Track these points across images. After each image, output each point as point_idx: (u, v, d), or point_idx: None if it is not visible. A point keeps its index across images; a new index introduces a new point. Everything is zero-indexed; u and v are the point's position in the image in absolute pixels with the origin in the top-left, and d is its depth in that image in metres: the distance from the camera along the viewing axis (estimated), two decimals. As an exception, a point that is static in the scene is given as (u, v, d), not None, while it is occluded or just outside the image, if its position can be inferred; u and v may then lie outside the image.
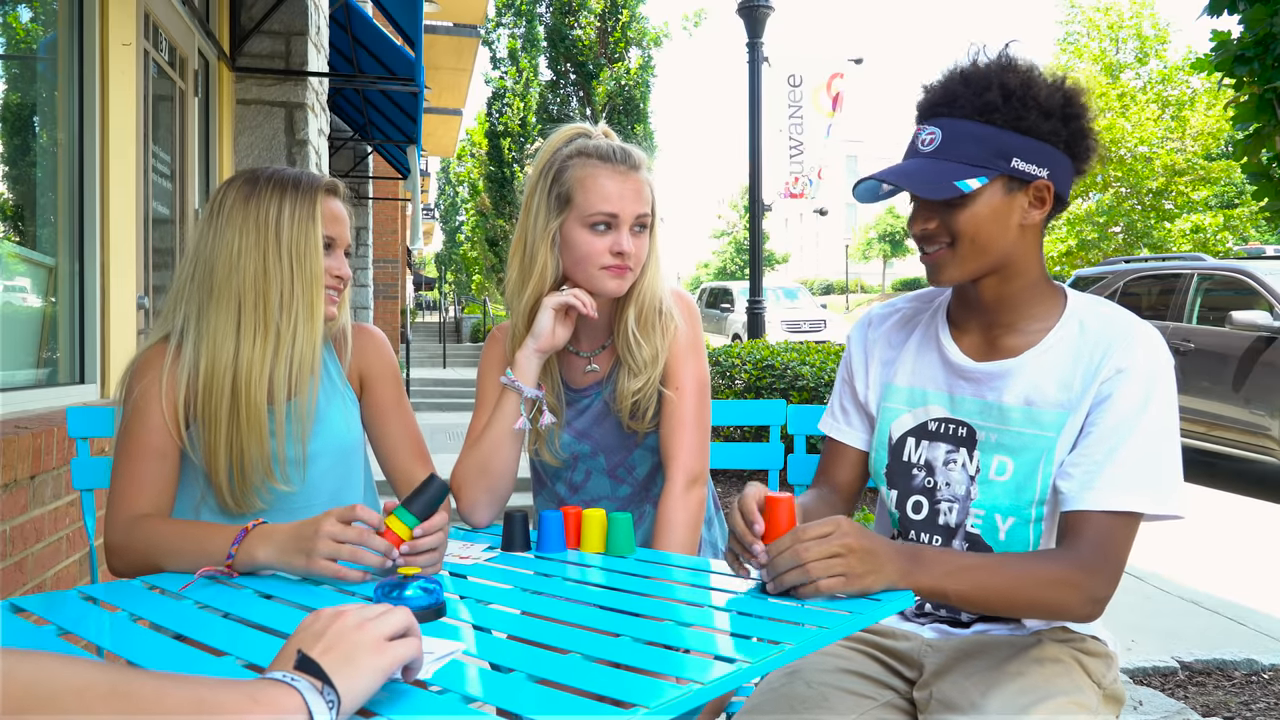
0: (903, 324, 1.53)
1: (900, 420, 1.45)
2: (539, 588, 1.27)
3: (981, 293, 1.37)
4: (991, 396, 1.37)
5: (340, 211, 1.63)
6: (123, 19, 3.14)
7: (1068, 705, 1.22)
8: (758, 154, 7.33)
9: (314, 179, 1.60)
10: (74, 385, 2.89)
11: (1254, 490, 6.21)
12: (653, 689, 0.86)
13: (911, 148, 1.35)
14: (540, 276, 1.64)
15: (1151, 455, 1.27)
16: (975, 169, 1.28)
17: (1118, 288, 7.73)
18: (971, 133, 1.29)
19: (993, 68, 1.31)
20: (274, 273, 1.52)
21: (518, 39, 18.73)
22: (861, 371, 1.53)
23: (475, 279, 30.77)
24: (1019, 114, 1.28)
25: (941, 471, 1.40)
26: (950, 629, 1.41)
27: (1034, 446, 1.33)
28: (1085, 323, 1.35)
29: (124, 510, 1.47)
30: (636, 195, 1.61)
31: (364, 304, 11.22)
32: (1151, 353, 1.30)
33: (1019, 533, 1.35)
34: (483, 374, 1.77)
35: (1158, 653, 3.15)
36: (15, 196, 2.92)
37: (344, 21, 6.33)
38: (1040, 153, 1.30)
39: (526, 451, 1.75)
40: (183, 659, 0.99)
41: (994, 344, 1.39)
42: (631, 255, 1.60)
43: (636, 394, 1.66)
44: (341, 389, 1.68)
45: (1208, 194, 16.74)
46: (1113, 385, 1.29)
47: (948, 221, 1.31)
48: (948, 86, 1.32)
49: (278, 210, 1.54)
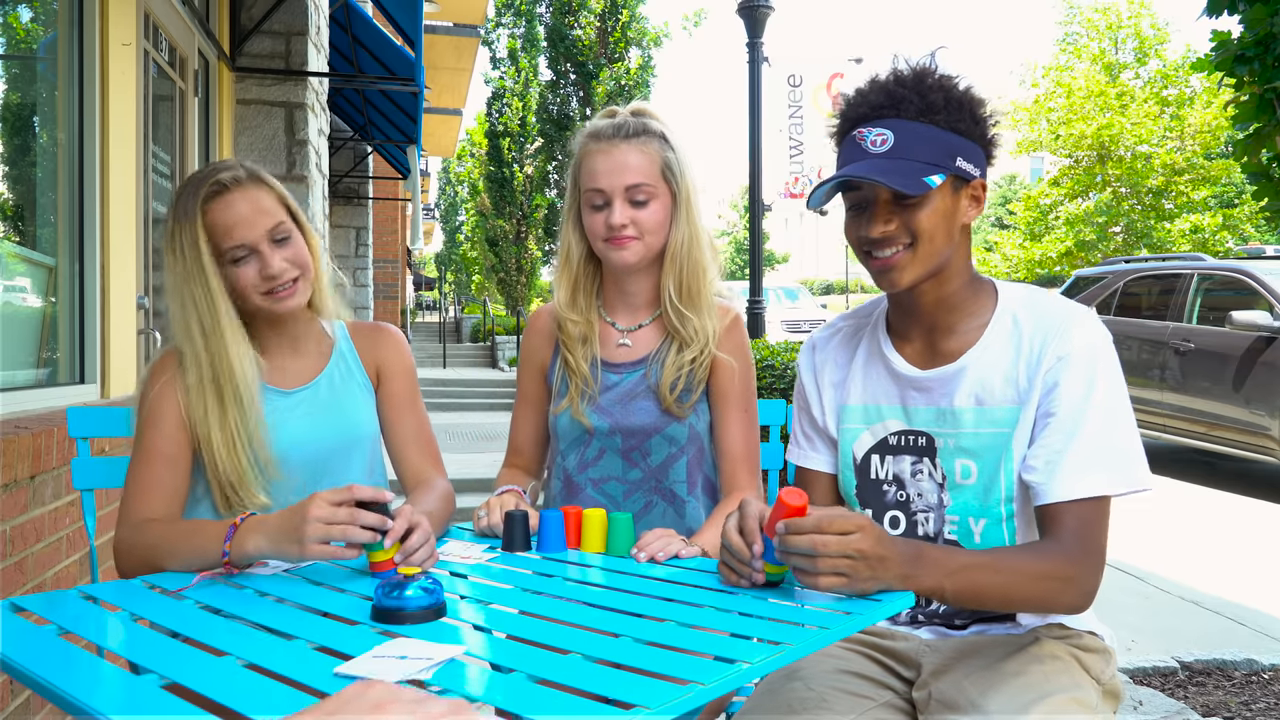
0: (845, 342, 1.53)
1: (860, 440, 1.46)
2: (539, 588, 1.26)
3: (920, 298, 1.38)
4: (943, 402, 1.38)
5: (236, 211, 1.51)
6: (123, 19, 3.14)
7: (1067, 703, 1.23)
8: (758, 154, 7.32)
9: (193, 192, 1.52)
10: (74, 385, 2.89)
11: (1254, 490, 6.21)
12: (653, 689, 0.86)
13: (855, 151, 1.33)
14: (567, 251, 1.76)
15: (1108, 435, 1.28)
16: (932, 167, 1.29)
17: (1118, 288, 7.73)
18: (921, 133, 1.30)
19: (929, 73, 1.33)
20: (185, 295, 1.52)
21: (517, 39, 18.75)
22: (815, 397, 1.53)
23: (475, 279, 30.78)
24: (958, 116, 1.31)
25: (911, 483, 1.41)
26: (947, 631, 1.41)
27: (993, 445, 1.34)
28: (1018, 316, 1.37)
29: (134, 514, 1.48)
30: (624, 168, 1.64)
31: (364, 304, 11.21)
32: (1088, 335, 1.32)
33: (992, 533, 1.36)
34: (522, 364, 1.86)
35: (1158, 653, 3.15)
36: (15, 196, 2.92)
37: (344, 21, 6.33)
38: (975, 153, 1.33)
39: (552, 413, 1.79)
40: (183, 659, 0.99)
41: (936, 349, 1.40)
42: (630, 226, 1.64)
43: (688, 366, 1.69)
44: (359, 378, 1.70)
45: (1207, 194, 16.74)
46: (1056, 373, 1.30)
47: (908, 221, 1.31)
48: (890, 89, 1.33)
49: (175, 234, 1.52)
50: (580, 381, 1.72)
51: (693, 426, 1.72)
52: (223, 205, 1.51)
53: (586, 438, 1.73)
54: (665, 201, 1.68)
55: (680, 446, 1.72)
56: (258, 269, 1.52)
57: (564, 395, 1.74)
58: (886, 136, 1.30)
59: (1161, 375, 6.90)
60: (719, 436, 1.75)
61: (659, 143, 1.68)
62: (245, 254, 1.52)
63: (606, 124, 1.69)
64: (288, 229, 1.56)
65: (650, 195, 1.66)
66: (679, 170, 1.69)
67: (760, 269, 7.26)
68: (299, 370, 1.65)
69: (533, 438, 1.85)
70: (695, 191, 1.72)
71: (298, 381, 1.64)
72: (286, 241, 1.55)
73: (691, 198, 1.70)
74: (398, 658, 0.96)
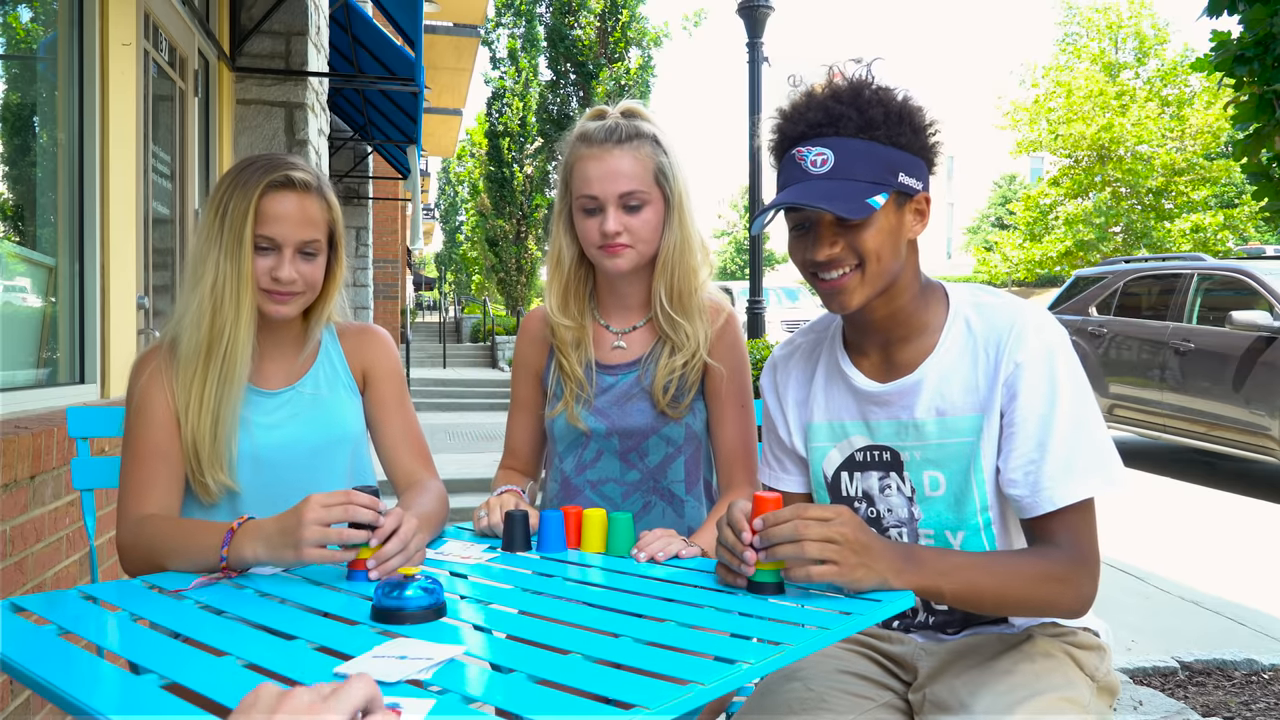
0: (805, 360, 1.51)
1: (829, 458, 1.44)
2: (539, 588, 1.26)
3: (872, 314, 1.35)
4: (904, 415, 1.36)
5: (286, 209, 1.54)
6: (123, 19, 3.14)
7: (1056, 702, 1.22)
8: (758, 154, 7.32)
9: (262, 172, 1.55)
10: (74, 385, 2.89)
11: (1254, 490, 6.21)
12: (653, 690, 0.86)
13: (796, 171, 1.30)
14: (558, 255, 1.74)
15: (1080, 437, 1.27)
16: (874, 186, 1.26)
17: (1118, 288, 7.73)
18: (861, 150, 1.27)
19: (865, 86, 1.30)
20: (211, 260, 1.53)
21: (517, 39, 18.75)
22: (780, 418, 1.51)
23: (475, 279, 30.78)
24: (898, 130, 1.28)
25: (880, 499, 1.40)
26: (942, 636, 1.41)
27: (958, 455, 1.33)
28: (970, 320, 1.35)
29: (131, 511, 1.49)
30: (617, 174, 1.63)
31: (364, 304, 11.20)
32: (1042, 337, 1.29)
33: (972, 543, 1.35)
34: (516, 368, 1.84)
35: (1158, 653, 3.15)
36: (15, 196, 2.92)
37: (344, 21, 6.32)
38: (916, 167, 1.30)
39: (547, 417, 1.78)
40: (183, 659, 0.99)
41: (892, 361, 1.38)
42: (623, 234, 1.63)
43: (680, 369, 1.68)
44: (345, 380, 1.70)
45: (1207, 194, 16.74)
46: (1017, 380, 1.28)
47: (853, 243, 1.28)
48: (827, 106, 1.29)
49: (225, 200, 1.54)
50: (575, 385, 1.72)
51: (689, 426, 1.72)
52: (280, 198, 1.53)
53: (584, 440, 1.73)
54: (658, 207, 1.67)
55: (677, 446, 1.72)
56: (270, 266, 1.54)
57: (559, 399, 1.74)
58: (827, 156, 1.27)
59: (1161, 375, 6.90)
60: (715, 435, 1.75)
61: (651, 146, 1.67)
62: (269, 247, 1.54)
63: (598, 127, 1.67)
64: (319, 247, 1.58)
65: (643, 201, 1.65)
66: (671, 174, 1.68)
67: (760, 269, 7.26)
68: (285, 371, 1.66)
69: (528, 440, 1.85)
70: (687, 193, 1.71)
71: (283, 382, 1.65)
72: (311, 258, 1.57)
73: (684, 200, 1.69)
74: (398, 658, 0.95)
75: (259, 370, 1.62)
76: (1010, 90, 19.80)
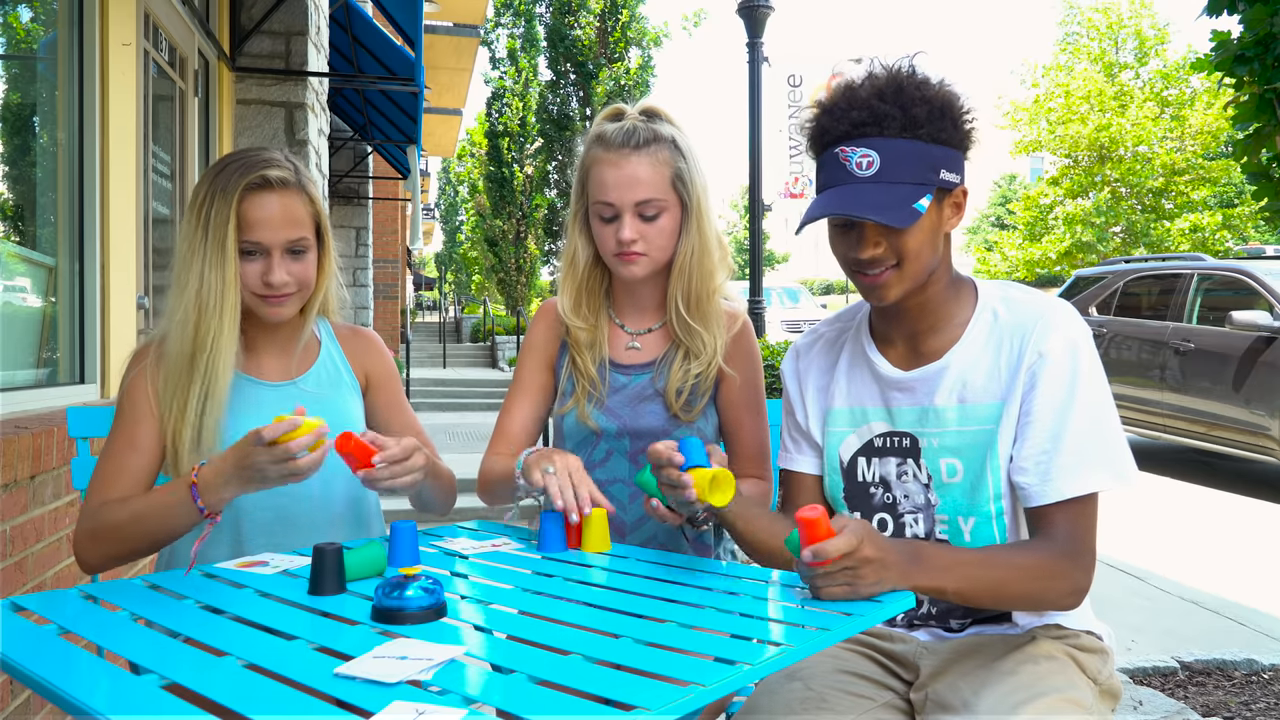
0: (829, 347, 1.53)
1: (846, 442, 1.46)
2: (539, 588, 1.26)
3: (904, 304, 1.37)
4: (926, 401, 1.38)
5: (268, 212, 1.51)
6: (123, 19, 3.14)
7: (1059, 703, 1.22)
8: (758, 154, 7.32)
9: (239, 174, 1.52)
10: (74, 385, 2.89)
11: (1254, 490, 6.21)
12: (654, 690, 0.86)
13: (840, 173, 1.30)
14: (573, 256, 1.72)
15: (1095, 432, 1.29)
16: (919, 188, 1.27)
17: (1118, 288, 7.73)
18: (906, 151, 1.27)
19: (907, 81, 1.30)
20: (195, 270, 1.51)
21: (517, 39, 18.75)
22: (799, 403, 1.53)
23: (475, 279, 30.76)
24: (940, 126, 1.28)
25: (897, 485, 1.42)
26: (944, 633, 1.41)
27: (976, 443, 1.34)
28: (998, 311, 1.37)
29: (94, 498, 1.49)
30: (633, 182, 1.60)
31: (364, 304, 11.21)
32: (1067, 331, 1.31)
33: (983, 531, 1.36)
34: (526, 352, 1.80)
35: (1158, 653, 3.15)
36: (15, 196, 2.92)
37: (344, 21, 6.33)
38: (955, 161, 1.31)
39: (554, 417, 1.78)
40: (183, 659, 0.99)
41: (919, 349, 1.40)
42: (639, 242, 1.61)
43: (694, 378, 1.67)
44: (348, 379, 1.72)
45: (1207, 194, 16.75)
46: (1038, 370, 1.30)
47: (895, 244, 1.30)
48: (871, 105, 1.29)
49: (205, 206, 1.51)
50: (587, 383, 1.71)
51: (700, 430, 1.71)
52: (259, 200, 1.51)
53: (594, 439, 1.72)
54: (675, 213, 1.65)
55: None
56: (261, 271, 1.53)
57: (570, 396, 1.72)
58: (872, 159, 1.27)
59: (1161, 375, 6.90)
60: (729, 438, 1.74)
61: (669, 150, 1.63)
62: (256, 252, 1.52)
63: (615, 130, 1.63)
64: (307, 244, 1.56)
65: (660, 209, 1.62)
66: (689, 178, 1.65)
67: (760, 269, 7.26)
68: (283, 365, 1.66)
69: (526, 426, 1.78)
70: (705, 196, 1.68)
71: (282, 376, 1.65)
72: (300, 255, 1.56)
73: (702, 204, 1.67)
74: (398, 658, 0.95)
75: (257, 364, 1.63)
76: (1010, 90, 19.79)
